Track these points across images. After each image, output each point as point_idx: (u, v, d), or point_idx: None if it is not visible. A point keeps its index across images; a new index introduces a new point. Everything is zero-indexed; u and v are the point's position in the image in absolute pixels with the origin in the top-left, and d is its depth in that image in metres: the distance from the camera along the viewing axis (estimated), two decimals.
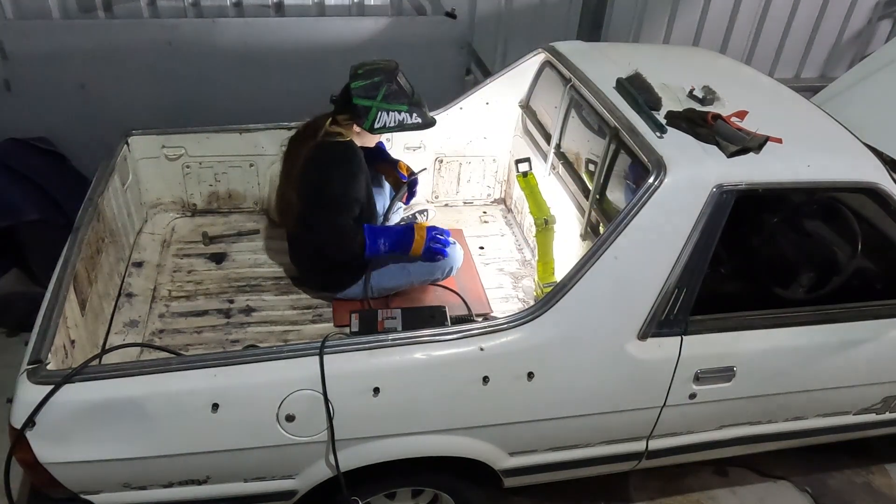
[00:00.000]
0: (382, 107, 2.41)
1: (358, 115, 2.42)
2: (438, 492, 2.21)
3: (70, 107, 3.52)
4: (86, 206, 2.34)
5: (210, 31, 3.55)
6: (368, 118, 2.41)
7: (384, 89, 2.41)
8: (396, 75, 2.44)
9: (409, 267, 2.62)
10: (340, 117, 2.48)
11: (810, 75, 4.69)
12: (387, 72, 2.43)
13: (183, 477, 1.86)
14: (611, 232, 1.89)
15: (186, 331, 2.50)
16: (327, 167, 2.43)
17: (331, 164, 2.43)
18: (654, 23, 4.19)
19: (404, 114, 2.44)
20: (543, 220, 2.70)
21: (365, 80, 2.41)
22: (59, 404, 1.67)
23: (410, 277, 2.64)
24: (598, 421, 2.06)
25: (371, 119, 2.41)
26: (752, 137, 2.00)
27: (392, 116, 2.42)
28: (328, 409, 1.78)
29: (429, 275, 2.65)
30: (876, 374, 2.30)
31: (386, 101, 2.41)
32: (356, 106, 2.41)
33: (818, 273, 2.21)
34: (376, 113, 2.41)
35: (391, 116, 2.42)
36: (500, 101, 3.10)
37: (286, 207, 2.57)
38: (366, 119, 2.41)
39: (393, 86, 2.42)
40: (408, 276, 2.63)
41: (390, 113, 2.42)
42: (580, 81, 2.48)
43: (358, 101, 2.40)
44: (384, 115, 2.42)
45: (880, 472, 2.88)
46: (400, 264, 2.62)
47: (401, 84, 2.45)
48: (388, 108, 2.41)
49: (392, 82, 2.42)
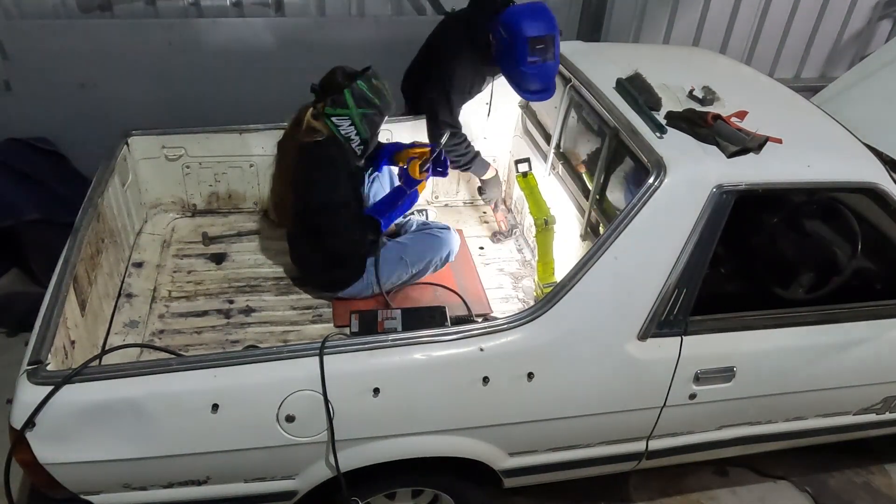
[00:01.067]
0: (355, 113, 2.40)
1: (338, 104, 2.38)
2: (438, 492, 2.21)
3: (70, 107, 3.52)
4: (86, 207, 2.34)
5: (210, 31, 3.55)
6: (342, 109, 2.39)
7: (367, 108, 2.41)
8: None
9: (405, 257, 2.63)
10: (320, 106, 2.41)
11: (810, 75, 4.68)
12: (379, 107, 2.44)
13: (183, 477, 1.86)
14: (611, 232, 1.89)
15: (186, 331, 2.50)
16: (312, 172, 2.42)
17: (315, 168, 2.42)
18: (654, 23, 4.19)
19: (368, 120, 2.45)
20: (543, 221, 2.70)
21: (368, 89, 2.41)
22: (59, 405, 1.67)
23: (409, 267, 2.65)
24: (598, 421, 2.06)
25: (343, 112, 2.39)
26: (752, 138, 2.00)
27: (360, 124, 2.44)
28: (328, 409, 1.78)
29: (427, 260, 2.65)
30: (876, 374, 2.30)
31: (359, 107, 2.40)
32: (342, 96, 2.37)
33: (818, 273, 2.21)
34: (351, 114, 2.40)
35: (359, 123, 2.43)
36: (500, 102, 3.10)
37: (282, 206, 2.57)
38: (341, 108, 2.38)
39: (375, 119, 2.45)
40: (406, 265, 2.64)
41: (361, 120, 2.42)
42: (580, 82, 2.48)
43: (347, 96, 2.37)
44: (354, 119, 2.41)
45: (880, 472, 2.88)
46: (397, 254, 2.63)
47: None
48: (359, 115, 2.41)
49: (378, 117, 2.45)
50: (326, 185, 2.39)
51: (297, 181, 2.46)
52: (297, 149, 2.44)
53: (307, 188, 2.43)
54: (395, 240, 2.72)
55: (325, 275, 2.63)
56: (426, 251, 2.66)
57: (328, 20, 3.71)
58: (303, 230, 2.57)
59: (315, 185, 2.41)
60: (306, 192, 2.44)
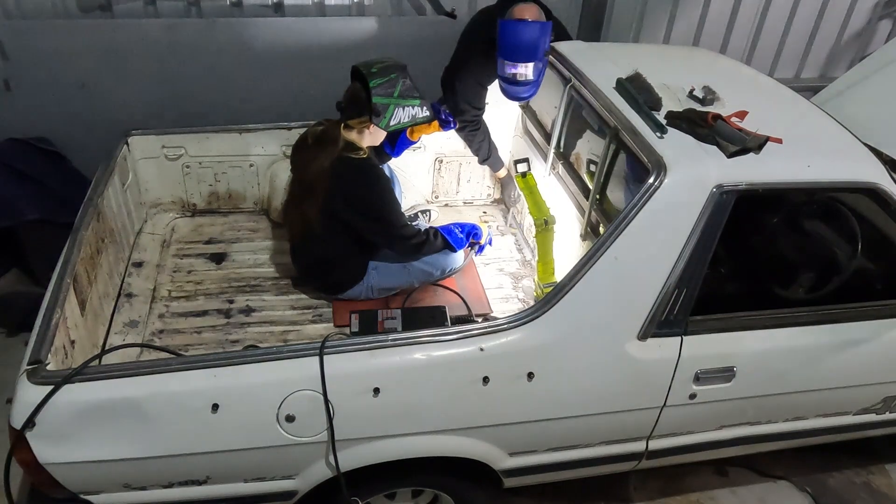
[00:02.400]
0: (399, 103, 2.41)
1: (377, 114, 2.41)
2: (438, 492, 2.21)
3: (70, 107, 3.52)
4: (86, 206, 2.34)
5: (210, 31, 3.55)
6: (386, 115, 2.41)
7: (400, 85, 2.41)
8: (407, 70, 2.45)
9: (409, 266, 2.63)
10: (353, 121, 2.46)
11: (810, 75, 4.68)
12: (399, 68, 2.44)
13: (183, 477, 1.86)
14: (611, 232, 1.89)
15: (186, 331, 2.50)
16: (366, 186, 2.44)
17: (366, 181, 2.45)
18: (654, 23, 4.19)
19: (416, 108, 2.45)
20: (543, 221, 2.70)
21: (382, 78, 2.39)
22: (59, 405, 1.67)
23: (410, 277, 2.65)
24: (598, 421, 2.06)
25: (388, 116, 2.41)
26: (752, 137, 2.00)
27: (406, 112, 2.44)
28: (328, 409, 1.78)
29: (428, 275, 2.66)
30: (876, 374, 2.30)
31: (402, 97, 2.41)
32: (375, 105, 2.39)
33: (818, 273, 2.20)
34: (393, 110, 2.41)
35: (405, 112, 2.44)
36: (501, 101, 3.10)
37: (300, 217, 2.54)
38: (384, 117, 2.41)
39: (407, 81, 2.43)
40: (408, 275, 2.64)
41: (405, 108, 2.43)
42: (580, 81, 2.48)
43: (378, 100, 2.39)
44: (399, 111, 2.43)
45: (880, 472, 2.88)
46: (401, 263, 2.62)
47: (412, 78, 2.46)
48: (403, 104, 2.42)
49: (406, 77, 2.44)
50: (384, 195, 2.48)
51: (339, 192, 2.44)
52: (334, 161, 2.43)
53: (362, 200, 2.45)
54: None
55: (327, 278, 2.63)
56: (429, 265, 2.66)
57: (328, 20, 3.71)
58: (332, 235, 2.54)
59: (374, 197, 2.46)
60: (361, 203, 2.45)
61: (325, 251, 2.56)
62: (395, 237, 2.52)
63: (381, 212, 2.48)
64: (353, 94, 2.45)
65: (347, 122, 2.46)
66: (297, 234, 2.64)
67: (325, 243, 2.55)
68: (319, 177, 2.44)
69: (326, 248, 2.56)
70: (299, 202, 2.55)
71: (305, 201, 2.51)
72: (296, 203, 2.58)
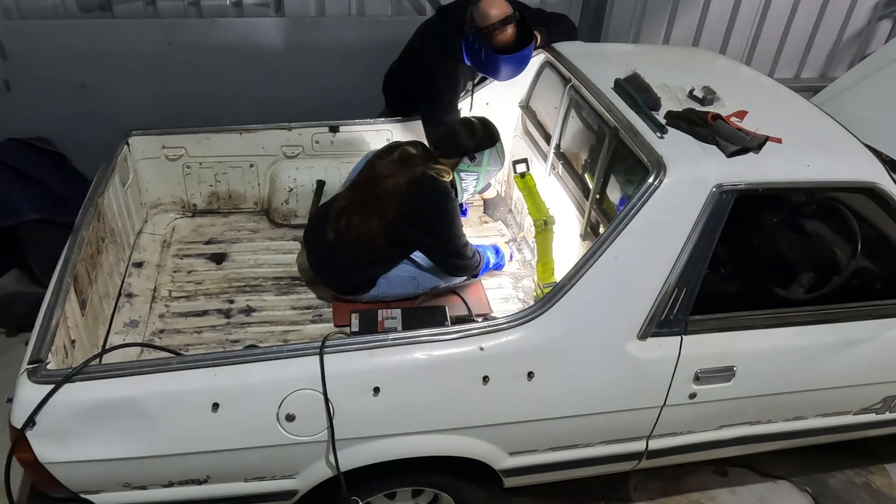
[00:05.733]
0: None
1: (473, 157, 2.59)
2: (438, 492, 2.21)
3: (70, 107, 3.52)
4: (86, 207, 2.34)
5: (210, 31, 3.55)
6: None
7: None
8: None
9: (418, 277, 2.63)
10: (445, 160, 2.58)
11: (810, 75, 4.68)
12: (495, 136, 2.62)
13: (183, 477, 1.86)
14: (611, 232, 1.89)
15: (186, 331, 2.50)
16: (441, 206, 2.50)
17: (441, 201, 2.51)
18: (654, 23, 4.19)
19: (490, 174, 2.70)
20: (543, 222, 2.70)
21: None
22: (59, 404, 1.67)
23: (418, 287, 2.65)
24: (598, 421, 2.06)
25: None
26: (752, 137, 2.01)
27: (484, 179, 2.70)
28: (328, 408, 1.78)
29: (435, 286, 2.68)
30: (876, 374, 2.30)
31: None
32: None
33: (818, 273, 2.21)
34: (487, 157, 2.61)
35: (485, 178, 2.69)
36: (500, 102, 3.10)
37: (354, 225, 2.55)
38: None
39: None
40: (416, 285, 2.64)
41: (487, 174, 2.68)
42: (580, 82, 2.48)
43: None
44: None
45: (880, 472, 2.88)
46: (410, 274, 2.62)
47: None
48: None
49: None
50: (456, 216, 2.56)
51: (415, 207, 2.50)
52: (417, 179, 2.50)
53: (435, 219, 2.52)
54: (412, 257, 2.66)
55: (346, 281, 2.62)
56: (439, 278, 2.66)
57: (328, 20, 3.71)
58: (388, 246, 2.56)
59: (447, 217, 2.53)
60: (435, 221, 2.52)
61: (358, 259, 2.55)
62: (454, 255, 2.58)
63: (449, 233, 2.55)
64: (452, 136, 2.59)
65: (439, 159, 2.59)
66: (339, 239, 2.58)
67: (367, 253, 2.54)
68: (394, 192, 2.50)
69: (360, 256, 2.55)
70: (361, 211, 2.56)
71: (369, 212, 2.53)
72: (356, 210, 2.58)
